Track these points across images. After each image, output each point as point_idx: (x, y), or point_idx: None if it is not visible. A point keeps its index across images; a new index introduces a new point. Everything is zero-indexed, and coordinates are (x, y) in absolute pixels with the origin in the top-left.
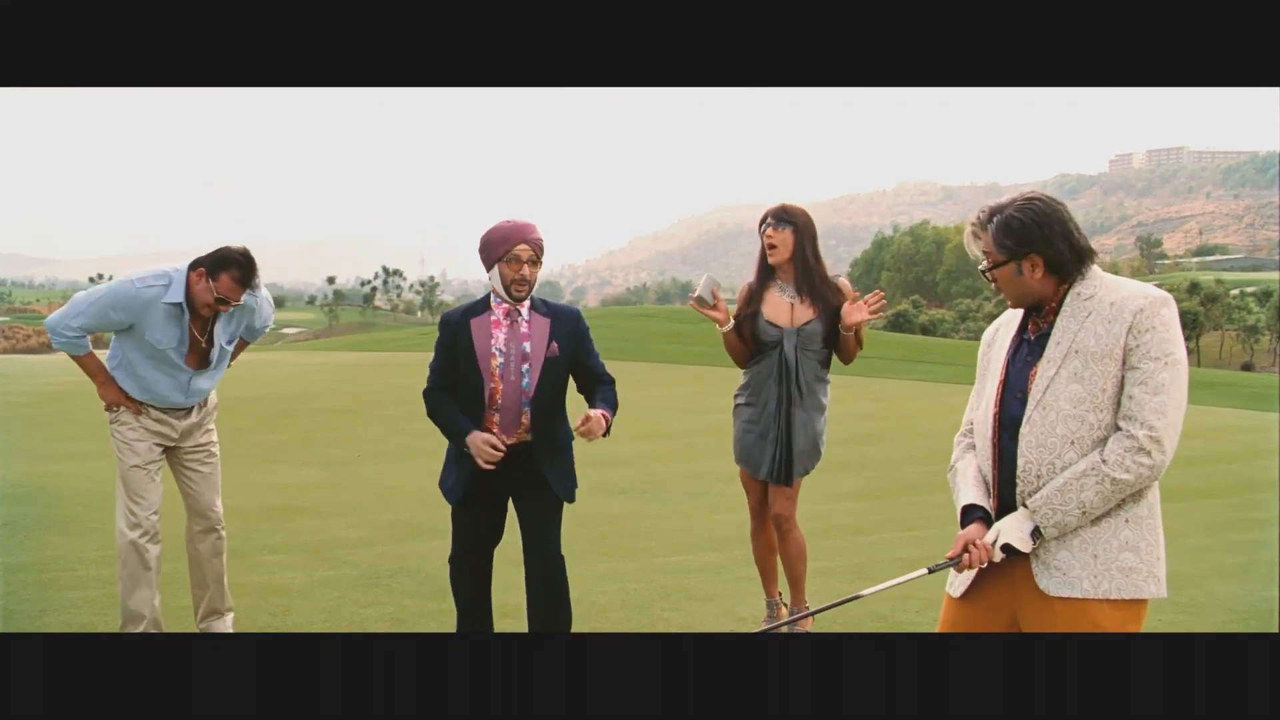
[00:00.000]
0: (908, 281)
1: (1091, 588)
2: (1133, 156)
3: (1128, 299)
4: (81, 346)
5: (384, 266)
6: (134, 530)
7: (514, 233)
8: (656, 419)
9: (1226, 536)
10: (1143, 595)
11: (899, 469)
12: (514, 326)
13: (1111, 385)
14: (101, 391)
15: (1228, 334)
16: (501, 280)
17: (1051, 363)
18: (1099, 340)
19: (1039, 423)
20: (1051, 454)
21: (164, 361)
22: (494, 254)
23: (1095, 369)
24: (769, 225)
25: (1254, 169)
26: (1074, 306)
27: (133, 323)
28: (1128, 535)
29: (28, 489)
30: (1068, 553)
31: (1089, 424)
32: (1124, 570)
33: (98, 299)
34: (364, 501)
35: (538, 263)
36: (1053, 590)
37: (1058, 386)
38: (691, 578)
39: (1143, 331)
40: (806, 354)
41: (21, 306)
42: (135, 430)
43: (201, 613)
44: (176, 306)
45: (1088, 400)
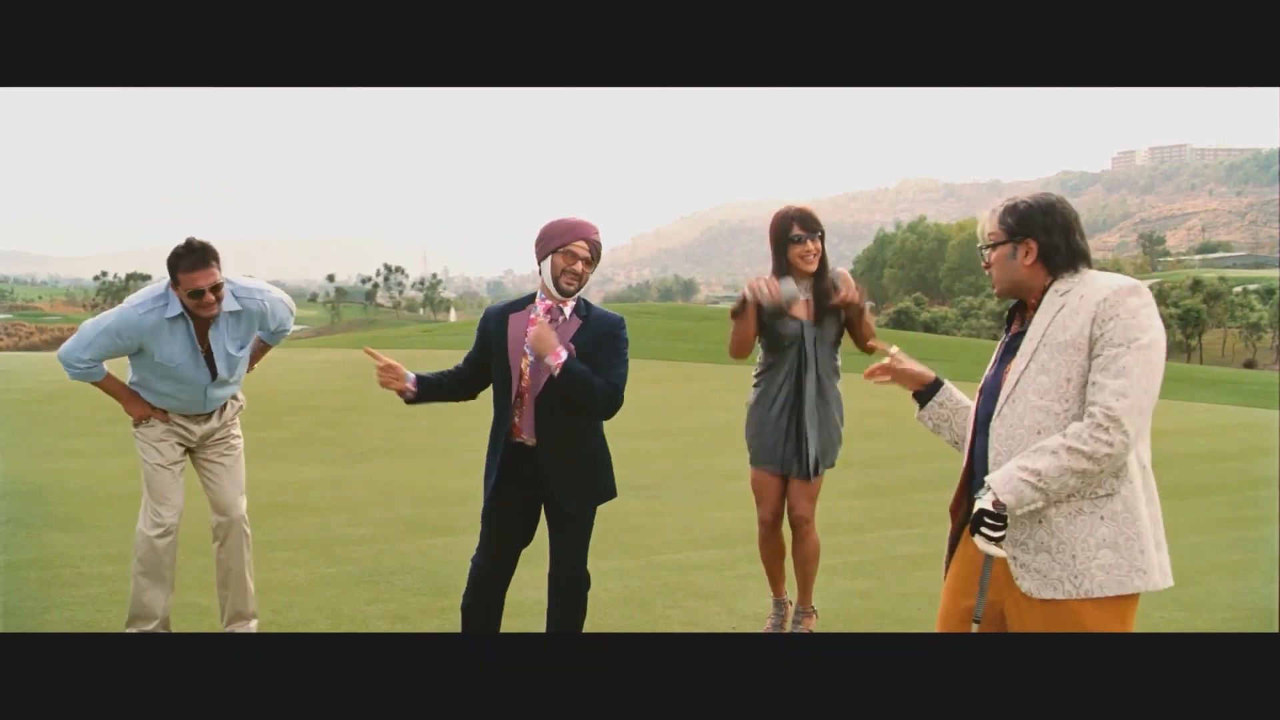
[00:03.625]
0: (910, 279)
1: (1073, 588)
2: (1135, 154)
3: (1097, 290)
4: (96, 374)
5: (385, 264)
6: (154, 530)
7: (576, 227)
8: (658, 416)
9: (1228, 534)
10: (1126, 591)
11: (901, 466)
12: (552, 325)
13: (1077, 374)
14: (128, 408)
15: (1230, 331)
16: (552, 270)
17: (1023, 357)
18: (1065, 331)
19: (1008, 416)
20: (1019, 445)
21: (179, 378)
22: (551, 244)
23: (1060, 359)
24: (806, 239)
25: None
26: (1049, 302)
27: (141, 345)
28: (1105, 533)
29: (30, 486)
30: (1047, 555)
31: (1054, 414)
32: (1104, 568)
33: (104, 328)
34: (366, 499)
35: (591, 263)
36: (1034, 592)
37: (1026, 380)
38: (693, 575)
39: (1106, 320)
40: (824, 346)
41: (24, 304)
42: (158, 429)
43: (227, 617)
44: (180, 319)
45: (1053, 390)
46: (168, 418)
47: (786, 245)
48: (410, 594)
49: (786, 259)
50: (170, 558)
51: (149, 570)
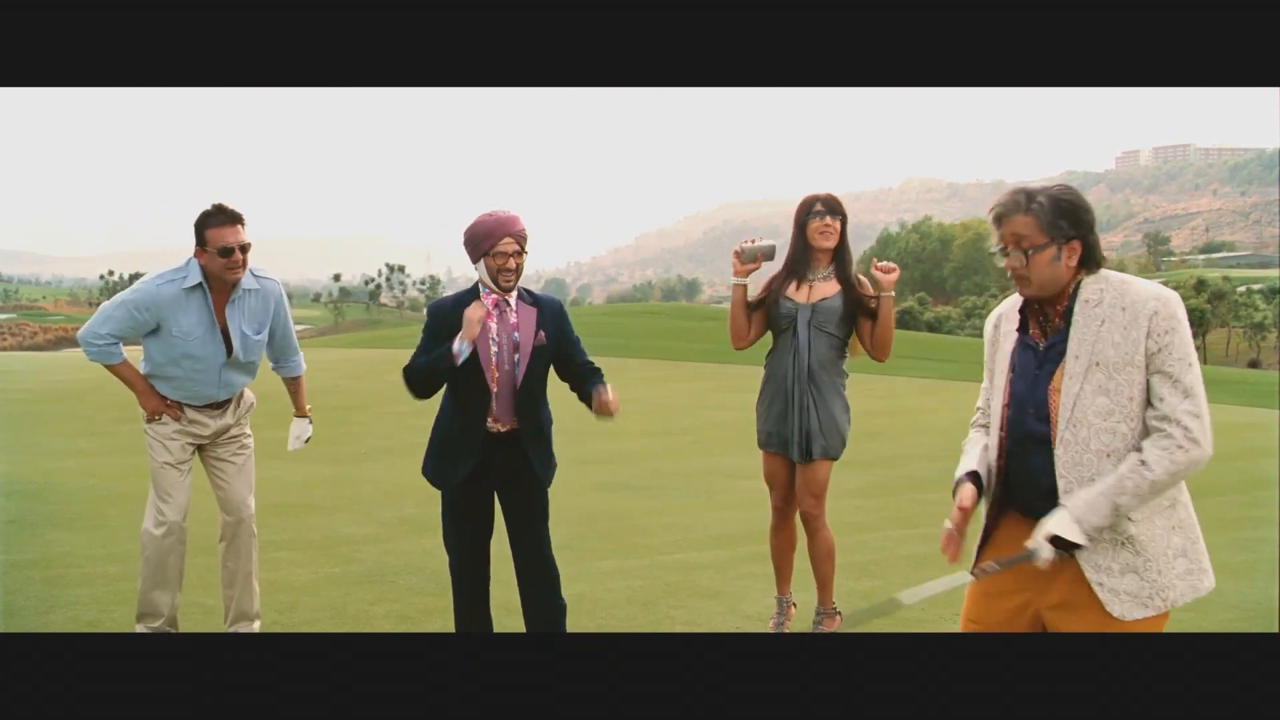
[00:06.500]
0: (914, 279)
1: (1161, 603)
2: (1139, 153)
3: (1139, 301)
4: (115, 355)
5: (386, 263)
6: (159, 529)
7: (498, 227)
8: (661, 416)
9: (1231, 534)
10: (1199, 594)
11: (905, 466)
12: (504, 316)
13: (1139, 393)
14: (143, 401)
15: (1234, 331)
16: (488, 272)
17: (1074, 378)
18: (1118, 349)
19: (1072, 442)
20: (1090, 471)
21: (194, 355)
22: (480, 249)
23: (1120, 379)
24: (824, 215)
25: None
26: (1084, 314)
27: (159, 321)
28: (1178, 542)
29: (33, 485)
30: (1135, 576)
31: (1121, 434)
32: (1181, 576)
33: (121, 301)
34: (370, 498)
35: (523, 253)
36: (1128, 615)
37: (1084, 402)
38: (697, 574)
39: (1163, 334)
40: (820, 333)
41: (28, 304)
42: (170, 427)
43: (231, 617)
44: (198, 289)
45: (1117, 412)
46: (181, 415)
47: (807, 222)
48: (414, 594)
49: (805, 237)
50: (176, 556)
51: (154, 568)
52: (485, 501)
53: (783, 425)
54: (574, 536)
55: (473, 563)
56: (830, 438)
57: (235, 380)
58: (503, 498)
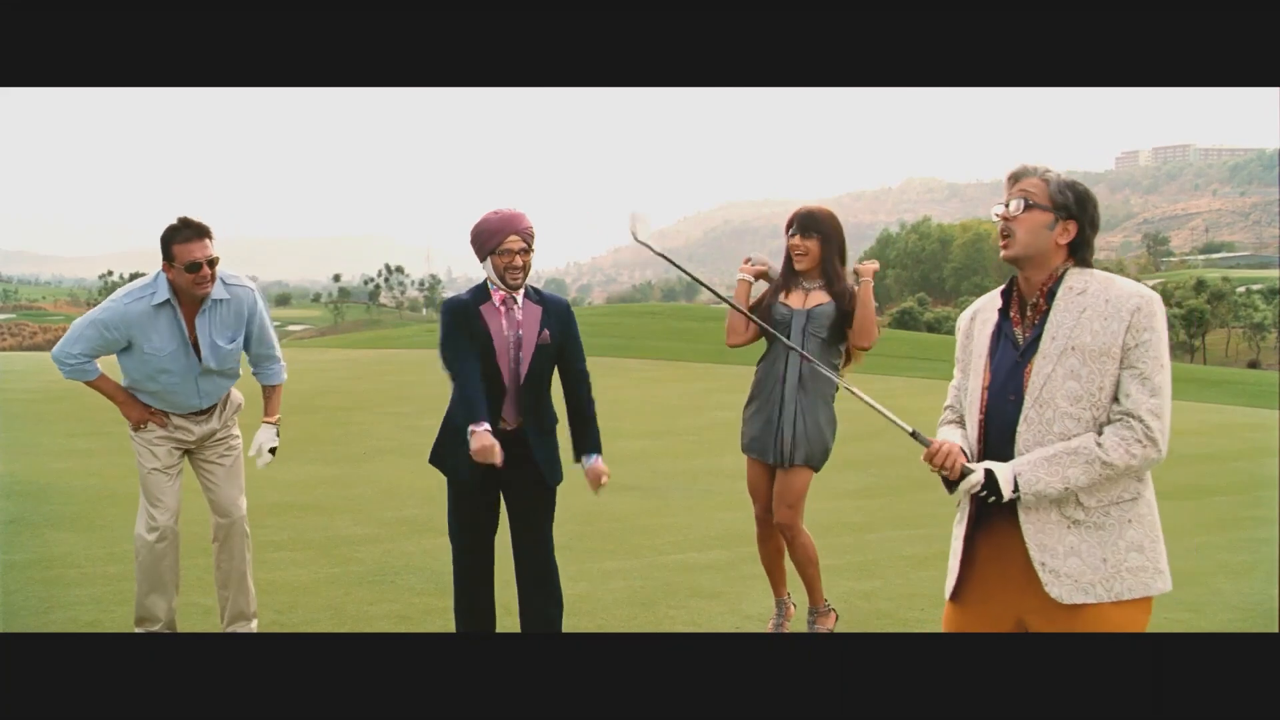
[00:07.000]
0: (914, 279)
1: (1105, 592)
2: (1139, 154)
3: (1123, 296)
4: (90, 372)
5: (386, 264)
6: (151, 534)
7: (504, 224)
8: (661, 416)
9: (1231, 534)
10: (1151, 593)
11: (904, 466)
12: (510, 314)
13: (1109, 383)
14: (125, 411)
15: (1234, 331)
16: (495, 270)
17: (1048, 359)
18: (1096, 337)
19: (1036, 421)
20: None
21: (168, 369)
22: (486, 247)
23: (1093, 367)
24: (795, 234)
25: (1260, 166)
26: (1067, 301)
27: (130, 339)
28: (1133, 535)
29: (33, 486)
30: (1078, 559)
31: (1084, 422)
32: (1132, 570)
33: (91, 321)
34: (370, 498)
35: (530, 250)
36: (1065, 598)
37: (1054, 384)
38: (697, 575)
39: (1142, 330)
40: (813, 338)
41: (28, 304)
42: (154, 433)
43: (228, 617)
44: (166, 305)
45: (1085, 399)
46: (166, 422)
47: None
48: (414, 594)
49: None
50: (170, 561)
51: (148, 574)
52: (491, 495)
53: (766, 431)
54: (574, 536)
55: (474, 554)
56: (814, 445)
57: (215, 388)
58: (507, 495)
